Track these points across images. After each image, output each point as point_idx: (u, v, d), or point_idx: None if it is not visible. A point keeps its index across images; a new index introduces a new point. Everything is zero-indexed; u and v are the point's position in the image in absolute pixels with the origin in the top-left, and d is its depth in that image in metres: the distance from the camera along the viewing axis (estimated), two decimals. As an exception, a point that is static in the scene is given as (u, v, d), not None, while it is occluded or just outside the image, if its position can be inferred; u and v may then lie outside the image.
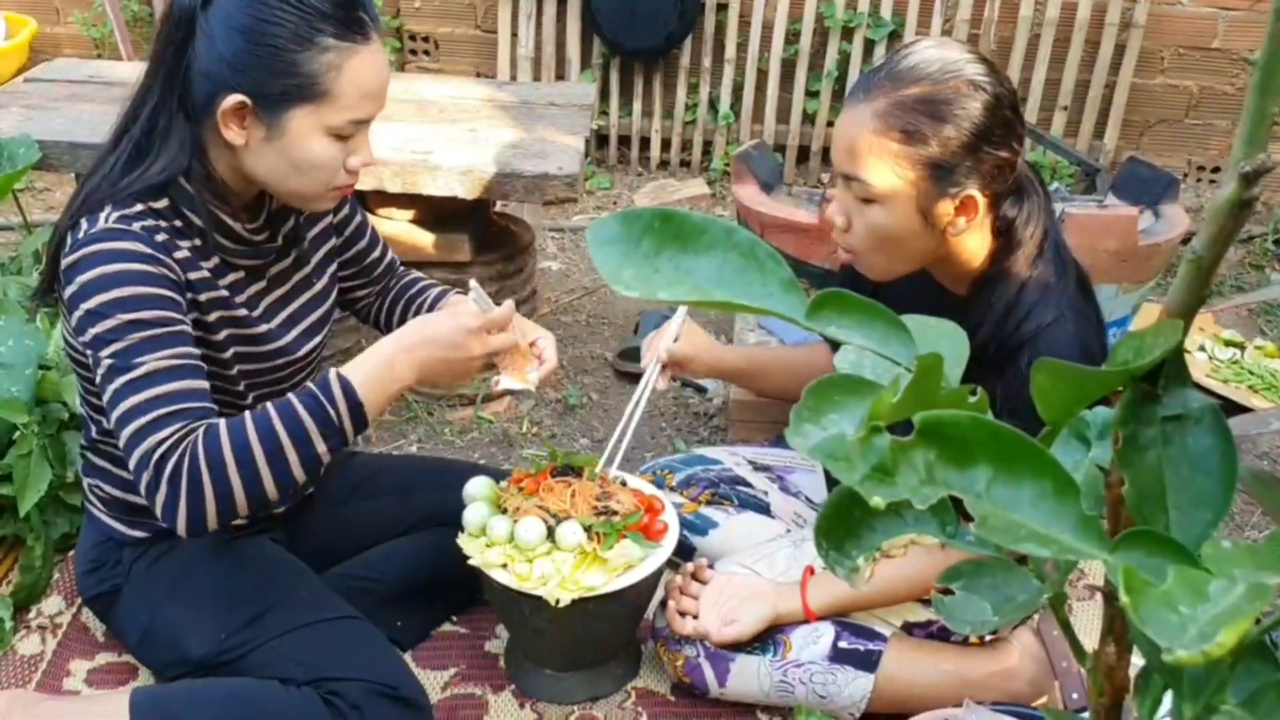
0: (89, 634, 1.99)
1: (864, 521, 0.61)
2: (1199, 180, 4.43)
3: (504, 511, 1.77)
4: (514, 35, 4.33)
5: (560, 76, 4.38)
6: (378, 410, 1.51)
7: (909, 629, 1.83)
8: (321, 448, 1.47)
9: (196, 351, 1.49)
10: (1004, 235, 1.58)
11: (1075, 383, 0.56)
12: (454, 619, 2.07)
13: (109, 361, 1.43)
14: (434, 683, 1.92)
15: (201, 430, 1.42)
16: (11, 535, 2.11)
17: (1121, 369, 0.54)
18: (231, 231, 1.58)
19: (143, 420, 1.41)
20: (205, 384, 1.48)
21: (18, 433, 1.98)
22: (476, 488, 1.82)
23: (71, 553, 2.03)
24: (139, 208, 1.49)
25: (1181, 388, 0.55)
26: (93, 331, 1.43)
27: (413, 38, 4.50)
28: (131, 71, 2.94)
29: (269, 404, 1.47)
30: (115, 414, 1.43)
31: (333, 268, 1.80)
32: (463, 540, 1.76)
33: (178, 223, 1.52)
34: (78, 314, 1.45)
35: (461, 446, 2.64)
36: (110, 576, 1.76)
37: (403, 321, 1.88)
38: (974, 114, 1.48)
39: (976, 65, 1.50)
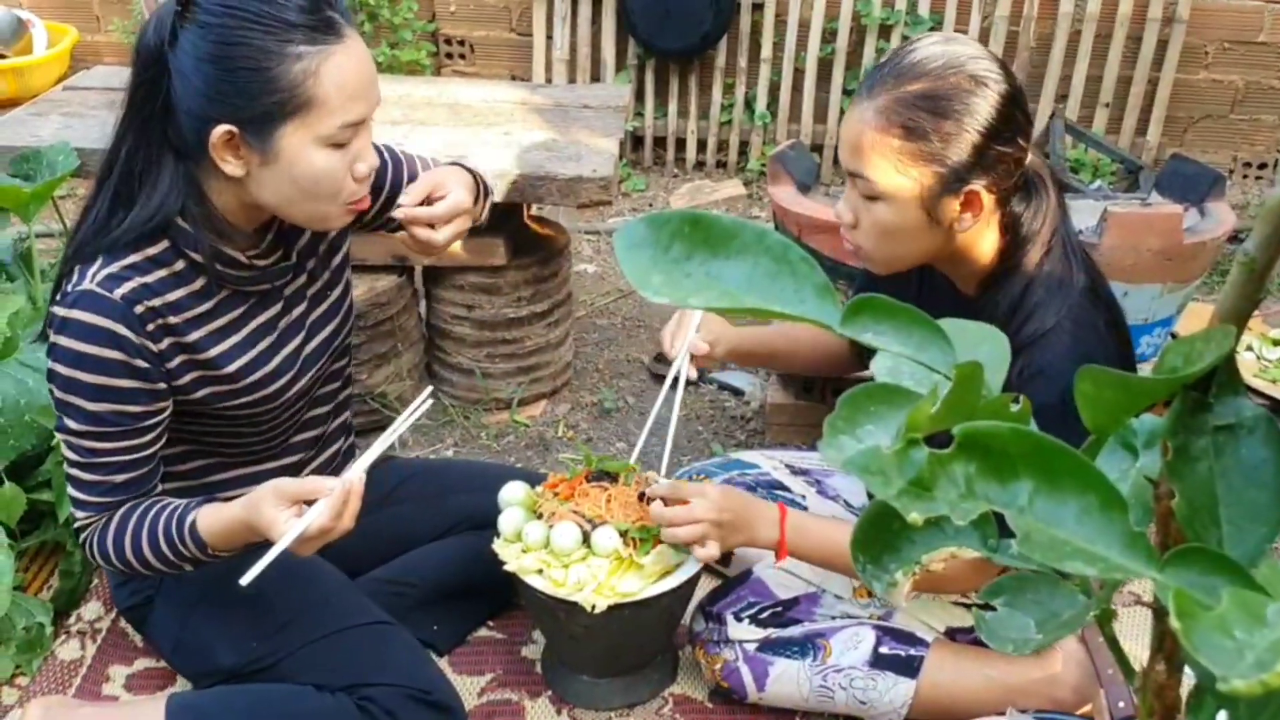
0: (128, 639, 2.00)
1: (902, 534, 0.59)
2: (1245, 177, 4.35)
3: (539, 516, 1.76)
4: (549, 38, 4.33)
5: (595, 78, 4.37)
6: (235, 550, 1.56)
7: (952, 634, 1.81)
8: (189, 567, 1.58)
9: (144, 440, 1.54)
10: (1011, 232, 1.56)
11: (1122, 390, 0.53)
12: (490, 624, 2.07)
13: (61, 436, 1.53)
14: (470, 688, 1.91)
15: (99, 527, 1.56)
16: (52, 541, 2.13)
17: (1171, 376, 0.52)
18: (237, 262, 1.54)
19: (74, 494, 1.55)
20: (138, 472, 1.55)
21: (56, 439, 1.99)
22: (511, 492, 1.81)
23: (110, 558, 2.04)
24: (132, 258, 1.46)
25: (1234, 396, 0.53)
26: (53, 393, 1.50)
27: (448, 41, 4.51)
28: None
29: (143, 529, 1.54)
30: (65, 473, 1.56)
31: (348, 275, 1.78)
32: (498, 545, 1.75)
33: (179, 264, 1.50)
34: (48, 366, 1.49)
35: (498, 450, 2.64)
36: (142, 588, 1.76)
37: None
38: (977, 109, 1.45)
39: (981, 60, 1.47)
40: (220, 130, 1.39)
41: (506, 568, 1.72)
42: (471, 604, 2.03)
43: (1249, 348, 2.89)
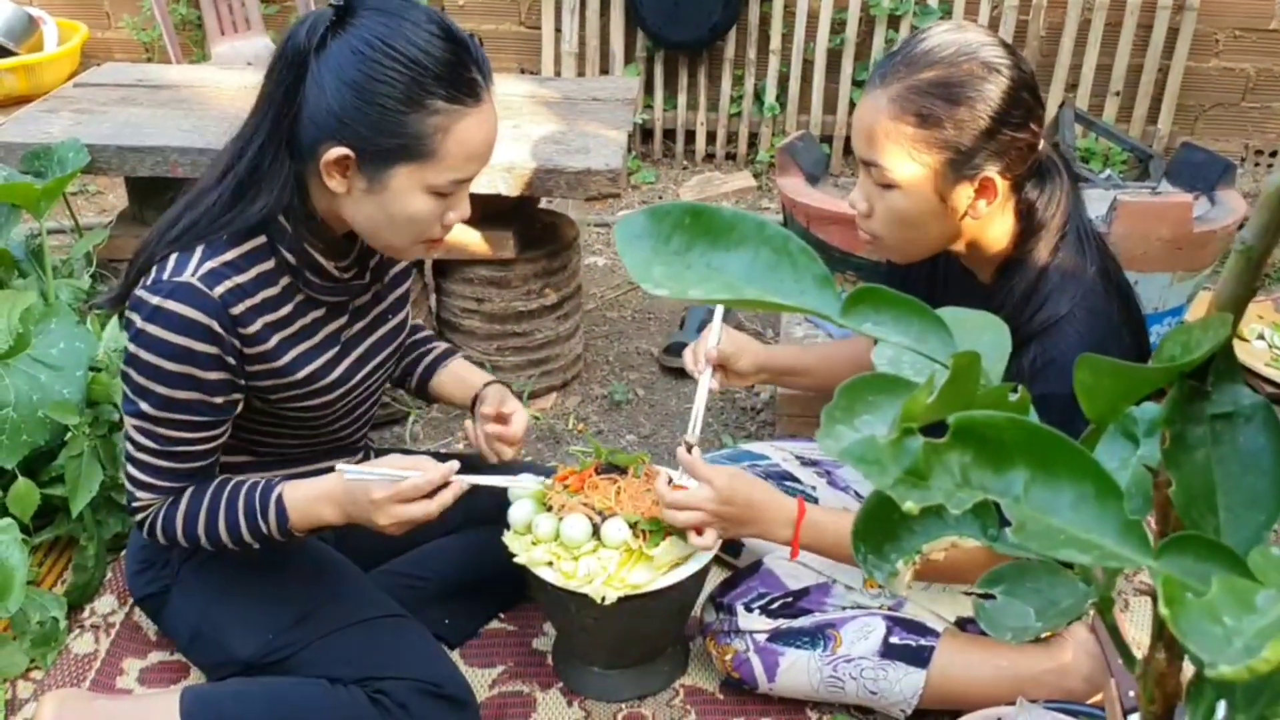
0: (141, 633, 2.01)
1: (903, 523, 0.59)
2: (1256, 165, 4.33)
3: (549, 509, 1.76)
4: (557, 31, 4.33)
5: (604, 71, 4.37)
6: (304, 531, 1.62)
7: (962, 624, 1.81)
8: (256, 544, 1.62)
9: (219, 431, 1.59)
10: (1025, 219, 1.57)
11: (1121, 379, 0.53)
12: (501, 616, 2.07)
13: (132, 420, 1.54)
14: (482, 680, 1.92)
15: (164, 507, 1.60)
16: (65, 535, 2.14)
17: (1168, 365, 0.52)
18: (323, 270, 1.57)
19: (138, 475, 1.58)
20: (208, 461, 1.60)
21: (69, 434, 2.01)
22: (522, 485, 1.81)
23: (124, 552, 2.05)
24: (231, 254, 1.49)
25: (1231, 384, 0.53)
26: (129, 377, 1.51)
27: (457, 35, 4.51)
28: (179, 74, 2.98)
29: (219, 507, 1.59)
30: (125, 450, 1.59)
31: (409, 307, 1.81)
32: (508, 538, 1.76)
33: (271, 262, 1.53)
34: (128, 349, 1.50)
35: (508, 443, 2.64)
36: (159, 577, 1.77)
37: (406, 377, 1.98)
38: (989, 96, 1.46)
39: (993, 48, 1.49)
40: (337, 151, 1.42)
41: (517, 560, 1.72)
42: (483, 597, 2.04)
43: (1260, 336, 2.88)
